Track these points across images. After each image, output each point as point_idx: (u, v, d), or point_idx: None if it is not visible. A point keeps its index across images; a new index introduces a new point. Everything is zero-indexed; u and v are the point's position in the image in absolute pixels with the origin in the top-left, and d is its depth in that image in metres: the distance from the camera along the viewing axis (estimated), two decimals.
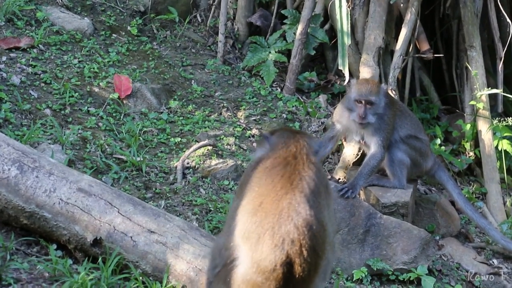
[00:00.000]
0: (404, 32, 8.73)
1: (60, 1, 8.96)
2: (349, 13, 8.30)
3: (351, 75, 8.69)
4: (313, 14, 8.90)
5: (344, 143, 8.19)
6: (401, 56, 8.69)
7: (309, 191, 4.65)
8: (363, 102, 7.35)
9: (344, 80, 8.55)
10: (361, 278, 6.90)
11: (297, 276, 4.57)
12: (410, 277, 6.98)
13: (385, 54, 9.04)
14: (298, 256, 4.54)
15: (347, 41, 8.37)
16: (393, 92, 8.54)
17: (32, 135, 6.92)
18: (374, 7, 8.92)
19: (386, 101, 7.51)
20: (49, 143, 6.99)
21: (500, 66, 8.91)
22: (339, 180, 7.79)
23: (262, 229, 4.53)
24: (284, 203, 4.57)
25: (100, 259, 5.64)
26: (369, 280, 6.95)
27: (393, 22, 9.25)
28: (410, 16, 8.76)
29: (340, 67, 8.38)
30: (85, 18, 8.87)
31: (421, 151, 7.76)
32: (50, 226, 5.75)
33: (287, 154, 4.80)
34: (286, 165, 4.72)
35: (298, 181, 4.65)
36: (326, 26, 9.21)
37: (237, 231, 4.63)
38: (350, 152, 8.02)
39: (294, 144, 4.86)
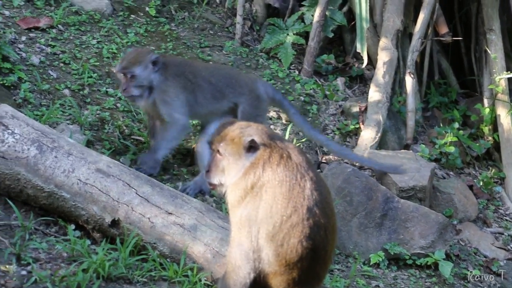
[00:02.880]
0: (422, 15, 8.70)
1: None
2: None
3: (369, 58, 8.68)
4: None
5: (362, 126, 8.17)
6: (420, 39, 8.66)
7: (315, 172, 4.70)
8: (123, 74, 6.96)
9: (362, 63, 8.55)
10: (378, 262, 6.90)
11: (320, 260, 4.59)
12: (427, 262, 6.97)
13: (403, 37, 9.01)
14: (323, 241, 4.55)
15: (366, 24, 8.35)
16: (411, 75, 8.51)
17: (51, 115, 6.93)
18: None
19: (159, 71, 6.96)
20: (68, 124, 7.00)
21: None
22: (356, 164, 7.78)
23: (292, 223, 4.53)
24: (306, 192, 4.56)
25: (118, 240, 5.66)
26: (386, 264, 6.94)
27: (412, 5, 9.21)
28: None
29: (359, 50, 8.38)
30: None
31: (251, 107, 7.19)
32: (68, 206, 5.77)
33: (279, 150, 4.74)
34: (287, 159, 4.68)
35: (304, 168, 4.65)
36: (345, 9, 9.16)
37: (262, 232, 4.59)
38: (368, 135, 8.00)
39: (274, 138, 4.83)
